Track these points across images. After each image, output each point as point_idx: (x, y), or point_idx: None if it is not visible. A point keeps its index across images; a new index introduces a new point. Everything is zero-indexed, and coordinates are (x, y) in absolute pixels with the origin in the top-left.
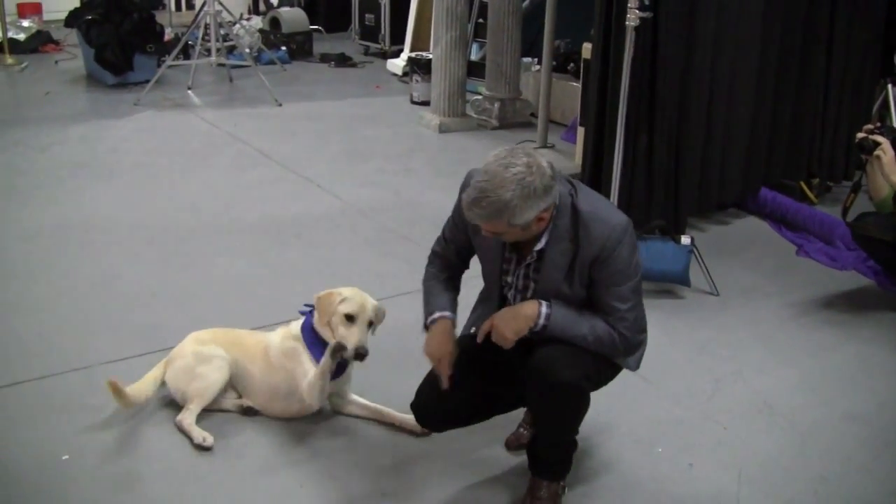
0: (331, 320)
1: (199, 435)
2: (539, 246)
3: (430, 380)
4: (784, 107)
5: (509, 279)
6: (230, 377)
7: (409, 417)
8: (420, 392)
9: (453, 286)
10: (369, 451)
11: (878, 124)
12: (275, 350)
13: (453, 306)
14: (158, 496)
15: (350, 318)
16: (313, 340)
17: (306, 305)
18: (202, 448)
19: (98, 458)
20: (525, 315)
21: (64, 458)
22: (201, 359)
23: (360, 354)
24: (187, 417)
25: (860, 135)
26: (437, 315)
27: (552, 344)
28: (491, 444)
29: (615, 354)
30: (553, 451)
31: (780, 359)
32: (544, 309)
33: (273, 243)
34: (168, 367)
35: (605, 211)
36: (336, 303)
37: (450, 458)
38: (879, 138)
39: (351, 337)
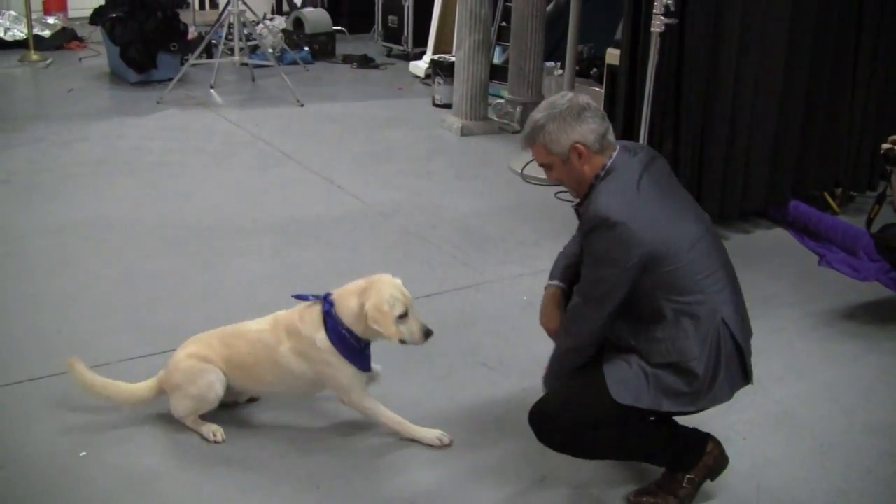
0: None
1: (208, 430)
2: (580, 201)
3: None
4: (812, 116)
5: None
6: (230, 381)
7: (427, 432)
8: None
9: (572, 267)
10: (384, 454)
11: None
12: (290, 356)
13: (567, 276)
14: (176, 495)
15: (404, 315)
16: (347, 347)
17: (314, 296)
18: (214, 443)
19: (116, 456)
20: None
21: (82, 454)
22: (192, 376)
23: (429, 336)
24: (188, 420)
25: (885, 146)
26: (547, 283)
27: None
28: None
29: (583, 323)
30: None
31: (800, 369)
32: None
33: (293, 244)
34: (165, 385)
35: (605, 195)
36: (390, 312)
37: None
38: None
39: (414, 328)
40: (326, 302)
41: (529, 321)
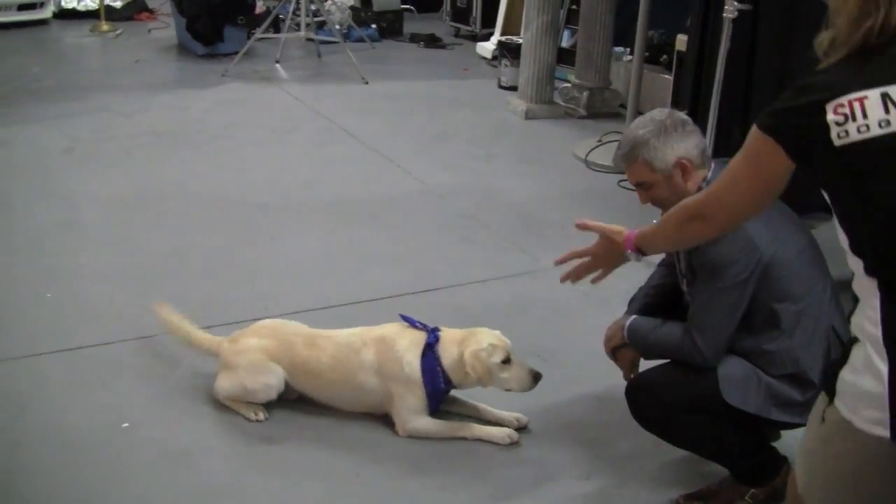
0: (490, 376)
1: (249, 409)
2: None
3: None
4: None
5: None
6: (293, 383)
7: (496, 431)
8: None
9: (652, 300)
10: (422, 443)
11: None
12: (368, 367)
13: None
14: (214, 471)
15: (506, 361)
16: (433, 384)
17: (421, 324)
18: (256, 421)
19: (158, 430)
20: (614, 326)
21: (124, 426)
22: (255, 371)
23: (538, 379)
24: (226, 399)
25: None
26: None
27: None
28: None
29: (693, 359)
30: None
31: None
32: (627, 322)
33: (348, 222)
34: (224, 358)
35: None
36: (487, 359)
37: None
38: None
39: (520, 373)
40: (433, 334)
41: (585, 312)
